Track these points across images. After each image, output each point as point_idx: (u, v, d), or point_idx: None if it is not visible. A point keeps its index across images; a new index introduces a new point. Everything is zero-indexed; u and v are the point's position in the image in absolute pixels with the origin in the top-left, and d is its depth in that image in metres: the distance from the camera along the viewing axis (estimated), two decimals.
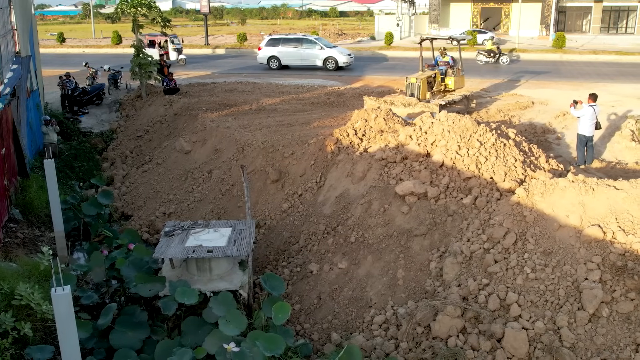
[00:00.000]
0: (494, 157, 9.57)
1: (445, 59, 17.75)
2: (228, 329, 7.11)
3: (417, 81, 16.51)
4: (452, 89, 17.67)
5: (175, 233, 8.90)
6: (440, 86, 17.51)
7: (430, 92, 17.02)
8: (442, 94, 17.56)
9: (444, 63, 17.73)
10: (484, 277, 7.63)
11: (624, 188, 7.80)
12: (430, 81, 17.12)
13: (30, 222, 12.47)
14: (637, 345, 6.61)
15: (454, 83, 17.63)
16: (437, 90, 17.37)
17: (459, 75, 17.87)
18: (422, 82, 16.54)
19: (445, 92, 17.68)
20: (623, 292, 6.95)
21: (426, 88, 16.75)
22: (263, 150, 12.60)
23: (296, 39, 29.11)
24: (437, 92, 17.39)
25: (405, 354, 7.32)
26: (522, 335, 6.71)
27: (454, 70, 17.61)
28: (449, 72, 17.56)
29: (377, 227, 9.41)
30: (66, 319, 5.89)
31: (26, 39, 15.45)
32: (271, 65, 28.38)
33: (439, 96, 17.25)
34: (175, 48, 31.06)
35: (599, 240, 7.36)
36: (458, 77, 17.82)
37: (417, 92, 16.48)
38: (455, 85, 17.74)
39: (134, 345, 7.65)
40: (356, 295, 8.68)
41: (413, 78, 16.76)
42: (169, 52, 30.78)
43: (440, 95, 17.42)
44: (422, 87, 16.50)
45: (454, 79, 17.56)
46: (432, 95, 17.11)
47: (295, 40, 28.84)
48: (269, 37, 30.14)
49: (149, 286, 8.20)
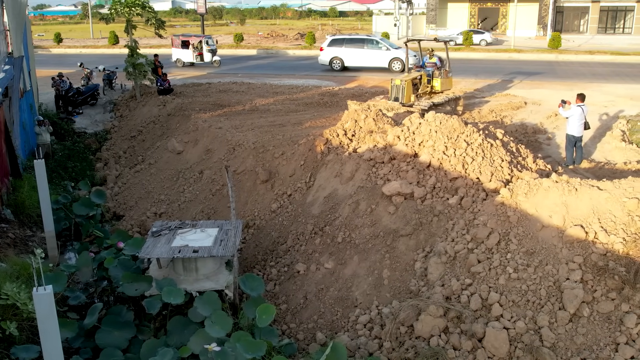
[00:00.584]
0: (480, 158, 9.60)
1: (432, 60, 17.48)
2: (213, 330, 7.15)
3: (402, 83, 16.15)
4: (439, 90, 17.36)
5: (162, 233, 8.95)
6: (427, 88, 17.22)
7: (416, 95, 16.70)
8: (428, 95, 17.26)
9: (431, 64, 17.44)
10: (467, 277, 7.66)
11: (607, 188, 7.84)
12: (415, 83, 16.80)
13: (21, 222, 12.52)
14: (617, 344, 6.64)
15: (441, 84, 17.38)
16: (423, 92, 17.06)
17: (446, 77, 17.55)
18: (407, 84, 16.20)
19: (431, 93, 17.38)
20: (604, 292, 6.98)
21: (411, 90, 16.46)
22: (253, 151, 12.65)
23: (360, 40, 28.35)
24: (423, 94, 17.08)
25: (389, 353, 7.35)
26: (502, 335, 6.75)
27: (441, 72, 17.30)
28: (436, 73, 17.25)
29: (363, 227, 9.45)
30: (48, 319, 5.93)
31: (19, 39, 15.49)
32: (334, 67, 27.66)
33: (424, 98, 16.96)
34: (209, 49, 30.48)
35: (581, 241, 7.40)
36: (445, 79, 17.53)
37: (402, 95, 16.14)
38: (442, 87, 17.48)
39: (119, 345, 7.69)
40: (342, 295, 8.72)
41: (398, 80, 16.42)
42: (204, 53, 30.25)
43: (426, 97, 17.12)
44: (407, 89, 16.16)
45: (440, 80, 17.32)
46: (418, 98, 16.79)
47: (359, 41, 28.12)
48: (332, 38, 29.30)
49: (135, 285, 8.24)
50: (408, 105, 16.06)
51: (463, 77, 24.74)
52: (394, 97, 16.27)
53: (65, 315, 8.71)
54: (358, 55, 27.56)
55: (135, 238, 9.82)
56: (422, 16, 54.16)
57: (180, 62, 31.10)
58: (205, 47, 30.44)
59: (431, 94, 17.35)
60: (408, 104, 16.10)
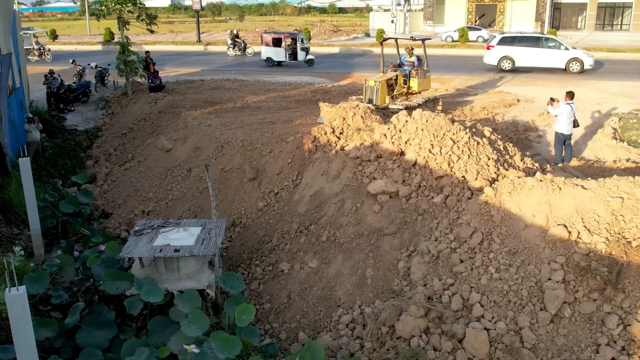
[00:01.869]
0: (466, 156, 9.53)
1: (411, 59, 16.73)
2: (190, 329, 7.09)
3: (376, 84, 15.44)
4: (417, 91, 16.65)
5: (145, 232, 8.88)
6: (403, 89, 16.50)
7: (391, 96, 15.97)
8: (405, 96, 16.56)
9: (409, 63, 16.70)
10: (449, 277, 7.60)
11: (591, 187, 7.77)
12: (391, 84, 16.12)
13: (9, 220, 12.45)
14: (598, 345, 6.58)
15: (418, 85, 16.56)
16: (399, 93, 16.37)
17: (423, 77, 16.82)
18: (381, 85, 15.47)
19: (408, 94, 16.65)
20: (586, 292, 6.92)
21: (386, 92, 15.72)
22: (241, 149, 12.57)
23: (534, 38, 26.36)
24: (399, 95, 16.39)
25: (370, 353, 7.29)
26: (482, 336, 6.68)
27: (419, 71, 16.57)
28: (413, 73, 16.52)
29: (348, 226, 9.38)
30: (21, 320, 5.85)
31: (8, 36, 15.37)
32: (503, 67, 25.73)
33: (401, 99, 16.33)
34: (302, 47, 28.79)
35: (564, 240, 7.33)
36: (423, 79, 16.77)
37: (376, 97, 15.43)
38: (420, 87, 16.68)
39: (100, 345, 7.63)
40: (325, 295, 8.66)
41: (372, 81, 15.66)
42: (297, 51, 28.59)
43: (402, 98, 16.41)
44: (381, 90, 15.42)
45: (418, 80, 16.48)
46: (394, 99, 16.15)
47: (534, 40, 26.05)
48: (502, 35, 27.31)
49: (117, 284, 8.17)
50: (382, 107, 15.37)
51: (457, 74, 24.70)
52: (368, 99, 15.62)
53: (48, 314, 8.66)
54: (532, 54, 25.45)
55: (112, 242, 9.74)
56: (419, 13, 53.96)
57: (270, 62, 29.26)
58: (298, 45, 28.56)
59: (408, 95, 16.69)
60: (382, 106, 15.45)
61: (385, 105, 15.57)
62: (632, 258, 7.03)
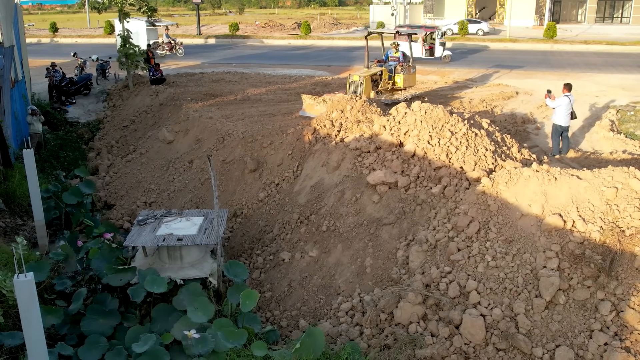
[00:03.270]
0: (464, 147, 9.67)
1: (396, 55, 16.38)
2: (196, 316, 7.25)
3: (360, 79, 15.01)
4: (402, 87, 16.27)
5: (148, 222, 9.03)
6: (388, 84, 16.16)
7: (375, 92, 15.70)
8: (389, 92, 16.25)
9: (395, 59, 16.35)
10: (447, 265, 7.76)
11: (587, 178, 7.91)
12: (375, 79, 15.79)
13: (12, 211, 12.59)
14: (591, 331, 6.74)
15: (404, 81, 16.20)
16: (383, 89, 16.07)
17: (409, 73, 16.48)
18: (366, 80, 15.11)
19: (393, 90, 16.30)
20: (580, 279, 7.07)
21: (370, 87, 15.40)
22: (242, 140, 12.71)
23: None
24: (383, 91, 16.10)
25: (369, 340, 7.46)
26: (479, 322, 6.84)
27: (404, 67, 16.23)
28: (398, 68, 16.17)
29: (348, 216, 9.54)
30: (29, 305, 5.99)
31: (9, 29, 15.48)
32: None
33: (385, 95, 15.95)
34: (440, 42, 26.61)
35: (559, 229, 7.48)
36: (408, 75, 16.43)
37: (360, 92, 15.01)
38: (405, 84, 16.32)
39: (104, 332, 7.79)
40: (325, 283, 8.83)
41: (356, 76, 15.27)
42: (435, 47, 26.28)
43: (387, 94, 16.09)
44: (365, 85, 15.03)
45: (403, 76, 16.14)
46: (378, 95, 15.76)
47: None
48: None
49: (119, 276, 8.33)
50: None
51: (456, 67, 24.79)
52: (353, 92, 15.25)
53: (53, 302, 8.82)
54: None
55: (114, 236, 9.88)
56: (419, 5, 53.92)
57: None
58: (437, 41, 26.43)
59: (393, 91, 16.31)
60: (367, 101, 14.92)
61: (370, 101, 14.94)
62: (625, 246, 7.19)
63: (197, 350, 6.89)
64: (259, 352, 6.87)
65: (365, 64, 16.58)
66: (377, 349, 7.23)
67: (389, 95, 15.97)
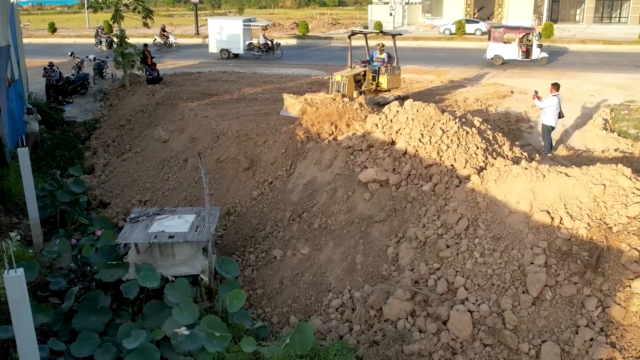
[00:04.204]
0: (455, 145, 9.73)
1: (381, 56, 16.09)
2: (182, 317, 7.30)
3: (343, 79, 14.69)
4: (386, 88, 15.93)
5: (140, 219, 9.09)
6: (371, 85, 15.83)
7: (359, 92, 15.30)
8: (373, 93, 15.94)
9: (379, 60, 16.05)
10: (436, 262, 7.81)
11: (575, 175, 7.96)
12: (359, 79, 15.48)
13: (8, 209, 12.65)
14: (578, 327, 6.79)
15: (388, 82, 15.83)
16: (367, 90, 15.73)
17: (393, 74, 16.06)
18: (348, 80, 14.75)
19: (377, 92, 16.06)
20: (567, 276, 7.12)
21: (353, 87, 15.02)
22: (237, 139, 12.77)
23: None
24: (367, 92, 15.74)
25: (358, 336, 7.52)
26: (466, 318, 6.90)
27: (388, 68, 15.83)
28: (382, 69, 15.82)
29: (340, 214, 9.60)
30: (19, 301, 6.05)
31: (6, 28, 15.53)
32: None
33: (369, 96, 15.58)
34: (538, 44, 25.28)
35: (546, 226, 7.53)
36: (393, 76, 16.01)
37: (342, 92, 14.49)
38: (389, 85, 15.94)
39: (96, 328, 7.86)
40: (316, 280, 8.89)
41: (338, 75, 14.95)
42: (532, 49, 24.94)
43: (371, 95, 15.78)
44: (348, 85, 14.65)
45: (387, 77, 15.76)
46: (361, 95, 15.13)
47: None
48: None
49: (111, 272, 8.40)
50: None
51: (453, 66, 24.85)
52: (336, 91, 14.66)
53: (47, 300, 8.88)
54: None
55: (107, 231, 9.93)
56: (418, 5, 53.92)
57: (498, 59, 25.39)
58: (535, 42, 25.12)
59: (377, 92, 16.00)
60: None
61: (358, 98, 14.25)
62: (612, 243, 7.24)
63: (186, 347, 6.97)
64: (248, 348, 6.94)
65: (349, 64, 16.14)
66: (366, 344, 7.29)
67: (372, 96, 15.68)
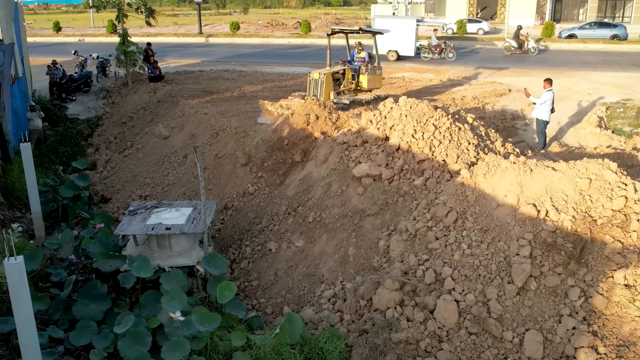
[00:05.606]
0: (447, 141, 9.91)
1: (361, 55, 15.77)
2: (171, 305, 7.49)
3: (320, 77, 14.26)
4: (366, 88, 15.57)
5: (139, 212, 9.32)
6: (351, 84, 15.45)
7: (337, 92, 15.01)
8: (352, 93, 15.55)
9: (360, 59, 15.73)
10: (425, 253, 8.00)
11: (561, 169, 8.14)
12: (337, 78, 15.10)
13: (11, 204, 12.90)
14: (561, 316, 6.97)
15: (368, 82, 15.47)
16: (347, 89, 15.37)
17: (374, 74, 15.72)
18: (326, 78, 14.31)
19: (357, 91, 15.69)
20: (551, 266, 7.30)
21: (331, 86, 14.61)
22: (235, 135, 12.99)
23: None
24: (347, 91, 15.40)
25: (348, 325, 7.73)
26: (452, 307, 7.10)
27: (369, 68, 15.51)
28: (363, 69, 15.51)
29: (334, 208, 9.80)
30: (19, 288, 6.27)
31: (10, 27, 15.81)
32: None
33: (347, 95, 15.24)
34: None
35: (532, 218, 7.71)
36: (373, 76, 15.68)
37: (320, 91, 14.29)
38: (370, 85, 15.57)
39: (95, 317, 8.09)
40: (310, 272, 9.09)
41: (316, 73, 14.46)
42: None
43: (349, 94, 15.42)
44: (325, 84, 14.26)
45: (368, 77, 15.42)
46: (340, 95, 15.06)
47: None
48: None
49: (109, 262, 8.63)
50: None
51: (453, 65, 25.01)
52: (312, 95, 14.34)
53: (48, 290, 9.12)
54: None
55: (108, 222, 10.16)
56: (421, 5, 54.08)
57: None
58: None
59: (357, 92, 15.61)
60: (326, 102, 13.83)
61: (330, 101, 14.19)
62: (596, 235, 7.42)
63: (181, 332, 7.18)
64: (239, 342, 7.14)
65: (328, 63, 15.60)
66: (356, 333, 7.49)
67: (352, 96, 15.24)
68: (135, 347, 6.99)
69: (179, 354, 6.93)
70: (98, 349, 7.17)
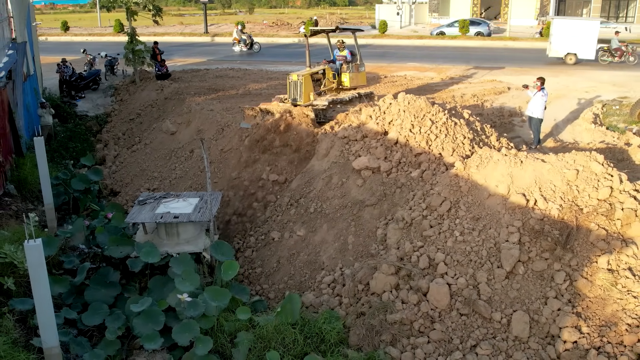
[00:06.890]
0: (443, 135, 10.33)
1: (342, 53, 15.42)
2: (183, 285, 7.96)
3: (299, 78, 13.89)
4: (349, 87, 15.26)
5: (148, 202, 9.77)
6: (332, 84, 15.10)
7: (318, 93, 14.63)
8: (335, 92, 15.19)
9: (341, 57, 15.42)
10: (419, 240, 8.43)
11: (550, 161, 8.54)
12: (318, 78, 14.80)
13: (24, 196, 13.39)
14: (547, 298, 7.38)
15: (350, 80, 15.16)
16: (328, 89, 15.03)
17: (357, 71, 15.38)
18: (305, 79, 13.92)
19: (339, 90, 15.35)
20: (538, 252, 7.71)
21: (310, 87, 14.22)
22: (239, 131, 13.42)
23: None
24: (328, 91, 15.07)
25: (347, 308, 8.16)
26: (444, 290, 7.52)
27: (350, 66, 15.22)
28: (344, 67, 15.21)
29: (334, 199, 10.24)
30: (38, 268, 6.75)
31: (22, 25, 16.31)
32: None
33: (329, 95, 14.90)
34: None
35: (522, 207, 8.12)
36: (356, 74, 15.34)
37: (299, 94, 13.93)
38: (352, 83, 15.23)
39: (106, 301, 8.56)
40: (311, 259, 9.53)
41: (294, 75, 14.09)
42: None
43: (332, 93, 15.06)
44: (305, 86, 13.87)
45: (350, 75, 15.11)
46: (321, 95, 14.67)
47: None
48: None
49: (120, 248, 9.09)
50: (307, 104, 13.87)
51: (454, 64, 25.39)
52: (292, 98, 14.09)
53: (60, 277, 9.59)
54: None
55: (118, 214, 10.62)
56: (425, 5, 54.37)
57: None
58: None
59: (339, 91, 15.29)
60: (307, 104, 13.87)
61: (309, 103, 13.99)
62: (581, 222, 7.83)
63: (189, 312, 7.63)
64: (243, 315, 7.60)
65: (307, 64, 15.17)
66: (354, 315, 7.92)
67: (334, 95, 14.88)
68: (149, 326, 7.45)
69: (189, 335, 7.41)
70: (112, 327, 7.62)
